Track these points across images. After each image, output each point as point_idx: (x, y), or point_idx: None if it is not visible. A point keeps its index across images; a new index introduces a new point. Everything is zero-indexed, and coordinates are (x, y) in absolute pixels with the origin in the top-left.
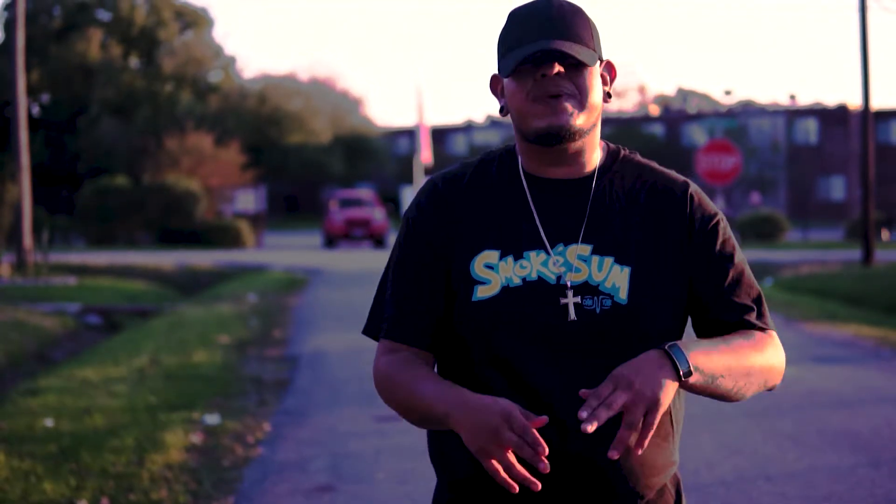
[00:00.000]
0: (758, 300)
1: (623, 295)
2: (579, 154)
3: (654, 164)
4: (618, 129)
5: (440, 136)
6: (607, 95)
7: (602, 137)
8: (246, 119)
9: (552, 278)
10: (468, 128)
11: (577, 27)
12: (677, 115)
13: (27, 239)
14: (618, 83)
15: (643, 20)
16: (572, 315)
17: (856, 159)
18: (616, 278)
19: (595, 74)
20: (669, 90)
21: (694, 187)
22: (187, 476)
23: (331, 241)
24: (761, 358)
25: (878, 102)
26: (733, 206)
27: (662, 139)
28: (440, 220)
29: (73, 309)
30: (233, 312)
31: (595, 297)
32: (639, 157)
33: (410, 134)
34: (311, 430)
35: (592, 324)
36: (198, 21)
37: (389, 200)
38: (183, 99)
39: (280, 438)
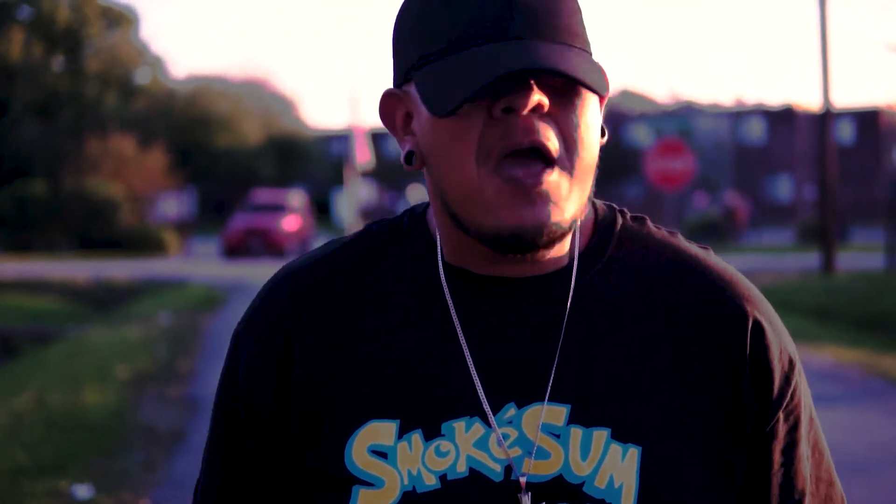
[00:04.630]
0: None
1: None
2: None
3: (681, 243)
4: None
5: (376, 140)
6: (602, 131)
7: None
8: (174, 121)
9: (497, 471)
10: None
11: (567, 14)
12: (619, 116)
13: None
14: None
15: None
16: None
17: (802, 159)
18: (616, 469)
19: (594, 103)
20: (611, 91)
21: (762, 308)
22: None
23: (231, 252)
24: None
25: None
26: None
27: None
28: (285, 359)
29: None
30: (140, 337)
31: None
32: (651, 228)
33: (344, 137)
34: None
35: None
36: (123, 20)
37: (317, 205)
38: (108, 100)
39: None
